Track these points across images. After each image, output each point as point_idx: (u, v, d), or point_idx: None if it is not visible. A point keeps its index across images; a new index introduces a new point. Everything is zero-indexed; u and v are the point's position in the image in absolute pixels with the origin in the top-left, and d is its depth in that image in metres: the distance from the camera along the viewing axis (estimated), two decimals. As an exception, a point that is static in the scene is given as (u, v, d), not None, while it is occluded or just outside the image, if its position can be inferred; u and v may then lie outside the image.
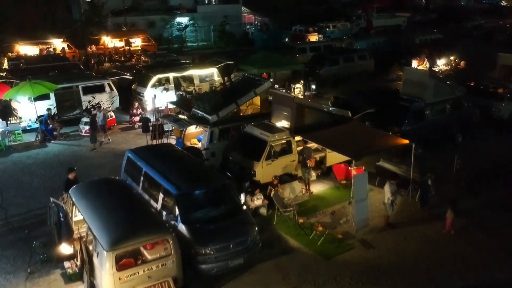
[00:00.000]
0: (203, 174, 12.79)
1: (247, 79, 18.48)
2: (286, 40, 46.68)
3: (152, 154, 14.01)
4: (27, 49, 35.69)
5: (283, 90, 25.28)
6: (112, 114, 22.91)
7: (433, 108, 19.18)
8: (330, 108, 16.58)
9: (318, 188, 16.36)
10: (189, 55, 41.82)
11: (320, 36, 46.99)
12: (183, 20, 48.94)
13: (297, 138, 15.95)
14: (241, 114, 17.96)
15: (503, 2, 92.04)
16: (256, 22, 54.17)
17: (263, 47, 44.79)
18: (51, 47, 36.68)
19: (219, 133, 16.60)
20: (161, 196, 12.28)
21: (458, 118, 19.99)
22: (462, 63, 34.92)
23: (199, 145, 17.29)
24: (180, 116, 17.16)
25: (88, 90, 22.89)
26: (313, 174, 15.96)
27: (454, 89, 20.05)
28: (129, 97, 25.02)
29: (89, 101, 22.92)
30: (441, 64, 34.14)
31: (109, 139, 20.91)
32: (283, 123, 16.66)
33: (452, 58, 34.94)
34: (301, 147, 16.07)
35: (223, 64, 26.97)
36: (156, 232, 10.35)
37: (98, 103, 22.97)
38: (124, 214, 10.93)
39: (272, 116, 16.78)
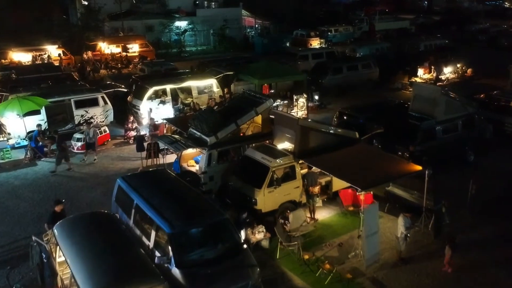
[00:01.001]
0: (199, 208, 11.70)
1: (247, 96, 17.39)
2: (287, 44, 45.73)
3: (144, 183, 12.93)
4: (21, 56, 34.53)
5: (286, 102, 24.37)
6: (106, 129, 21.84)
7: (444, 126, 18.13)
8: (337, 129, 15.48)
9: (323, 215, 15.31)
10: (188, 60, 40.88)
11: (322, 40, 45.90)
12: (182, 24, 47.82)
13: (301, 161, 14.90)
14: (241, 134, 16.89)
15: (506, 3, 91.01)
16: (257, 25, 53.03)
17: (263, 51, 44.03)
18: (45, 54, 35.55)
19: (217, 155, 15.55)
20: (153, 233, 11.21)
21: (471, 135, 18.95)
22: (469, 70, 33.95)
23: (196, 167, 16.23)
24: (176, 137, 16.08)
25: (81, 104, 21.81)
26: (319, 201, 14.91)
27: (466, 105, 18.98)
28: (124, 109, 24.02)
29: (82, 116, 21.85)
30: (448, 72, 33.09)
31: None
32: (285, 145, 15.63)
33: (458, 65, 33.89)
34: (305, 171, 15.03)
35: (222, 74, 25.86)
36: (147, 282, 9.28)
37: (92, 117, 21.95)
38: (111, 258, 9.87)
39: (274, 138, 15.72)
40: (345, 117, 20.48)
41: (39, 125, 20.26)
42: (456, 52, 37.41)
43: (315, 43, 44.85)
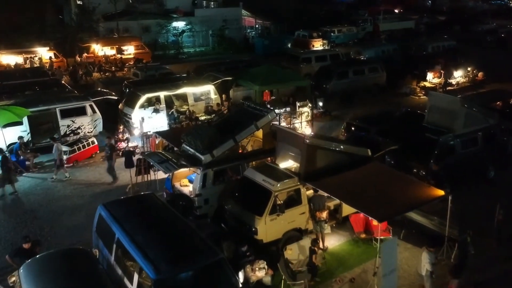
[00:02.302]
0: (191, 246, 10.03)
1: (246, 108, 15.69)
2: (289, 45, 44.11)
3: (128, 212, 11.27)
4: (10, 59, 32.73)
5: (288, 109, 22.68)
6: (94, 140, 20.16)
7: (463, 140, 16.48)
8: (347, 146, 13.79)
9: (332, 242, 13.65)
10: (185, 62, 39.30)
11: (324, 41, 44.17)
12: (180, 24, 46.11)
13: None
14: (240, 150, 15.20)
15: (511, 3, 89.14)
16: (257, 25, 51.33)
17: (264, 53, 42.44)
18: (36, 56, 33.83)
19: (213, 175, 13.89)
20: (136, 276, 9.59)
21: (491, 149, 17.30)
22: (480, 74, 32.22)
23: (190, 187, 14.55)
24: (167, 154, 14.39)
25: (67, 113, 20.13)
26: (327, 227, 13.26)
27: (487, 117, 17.32)
28: (116, 117, 22.42)
29: (68, 126, 20.20)
30: (458, 76, 31.37)
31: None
32: (289, 163, 14.01)
33: (469, 69, 32.15)
34: (311, 192, 13.36)
35: (220, 80, 24.20)
36: None
37: (79, 127, 20.31)
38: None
39: (277, 156, 14.06)
40: (353, 128, 18.85)
41: (20, 137, 18.67)
42: (465, 54, 35.66)
43: (318, 44, 43.21)
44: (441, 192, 12.18)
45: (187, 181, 15.03)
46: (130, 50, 37.54)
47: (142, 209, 11.53)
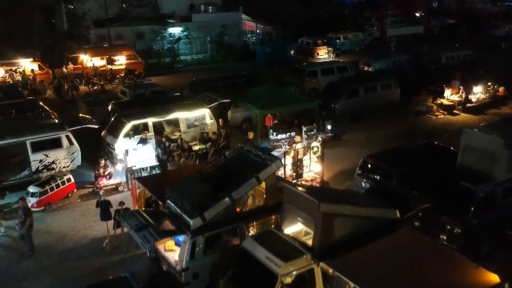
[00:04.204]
0: None
1: (246, 154, 12.89)
2: (292, 53, 41.47)
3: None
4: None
5: (293, 134, 20.01)
6: (71, 177, 17.38)
7: (506, 188, 13.77)
8: (372, 210, 11.08)
9: (352, 327, 10.99)
10: (181, 73, 36.79)
11: (329, 49, 41.52)
12: (176, 30, 43.38)
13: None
14: (238, 209, 12.46)
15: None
16: (258, 30, 48.55)
17: (265, 61, 39.91)
18: (18, 68, 31.10)
19: (204, 243, 11.21)
20: None
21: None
22: (501, 89, 29.41)
23: (176, 253, 11.86)
24: (148, 216, 11.67)
25: (39, 146, 17.42)
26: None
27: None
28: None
29: (41, 161, 17.51)
30: (478, 92, 28.56)
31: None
32: (298, 227, 11.36)
33: (489, 83, 29.34)
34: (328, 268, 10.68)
35: (217, 103, 21.52)
36: None
37: (53, 162, 17.64)
38: None
39: (283, 220, 11.37)
40: (369, 166, 16.11)
41: (-19, 177, 16.03)
42: (483, 65, 32.85)
43: (322, 52, 40.67)
44: (495, 278, 9.48)
45: (173, 244, 12.33)
46: (121, 60, 34.83)
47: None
